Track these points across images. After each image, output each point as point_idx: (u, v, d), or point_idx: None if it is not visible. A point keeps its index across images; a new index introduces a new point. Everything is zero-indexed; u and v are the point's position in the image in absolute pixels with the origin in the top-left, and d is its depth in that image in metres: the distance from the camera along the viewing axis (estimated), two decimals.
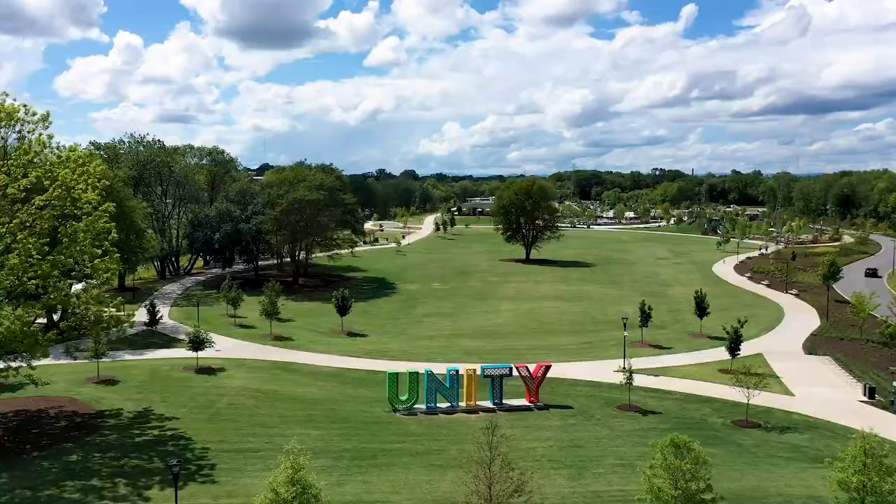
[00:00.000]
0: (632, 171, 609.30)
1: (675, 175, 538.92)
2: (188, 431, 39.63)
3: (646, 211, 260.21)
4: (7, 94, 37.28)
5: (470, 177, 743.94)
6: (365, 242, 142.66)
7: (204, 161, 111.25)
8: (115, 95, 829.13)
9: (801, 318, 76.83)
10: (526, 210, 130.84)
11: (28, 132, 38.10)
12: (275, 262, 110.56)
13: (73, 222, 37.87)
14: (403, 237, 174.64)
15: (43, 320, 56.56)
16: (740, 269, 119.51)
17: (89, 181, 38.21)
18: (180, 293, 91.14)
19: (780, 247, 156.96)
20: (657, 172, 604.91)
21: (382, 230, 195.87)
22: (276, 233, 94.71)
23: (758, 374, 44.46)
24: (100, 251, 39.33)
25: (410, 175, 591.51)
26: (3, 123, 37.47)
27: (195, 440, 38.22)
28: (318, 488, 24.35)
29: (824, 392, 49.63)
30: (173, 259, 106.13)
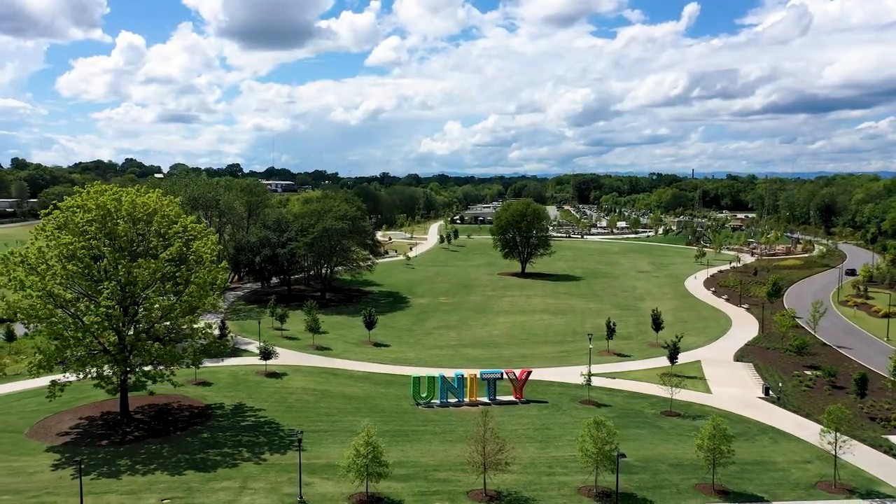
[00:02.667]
0: (630, 176, 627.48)
1: (672, 179, 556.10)
2: (275, 419, 56.77)
3: (636, 221, 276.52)
4: (171, 196, 54.21)
5: (472, 178, 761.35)
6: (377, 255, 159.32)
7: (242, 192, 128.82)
8: (118, 95, 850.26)
9: (744, 329, 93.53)
10: (521, 230, 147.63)
11: (168, 213, 55.14)
12: (303, 276, 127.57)
13: (197, 274, 54.74)
14: (411, 249, 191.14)
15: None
16: (709, 282, 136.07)
17: (210, 246, 55.30)
18: (226, 307, 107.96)
19: (754, 259, 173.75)
20: (654, 177, 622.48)
21: (391, 241, 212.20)
22: (307, 256, 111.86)
23: (678, 377, 61.63)
24: (211, 292, 56.49)
25: (413, 179, 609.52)
26: (151, 209, 54.48)
27: (282, 424, 55.29)
28: (381, 449, 41.48)
29: (735, 391, 66.48)
30: None
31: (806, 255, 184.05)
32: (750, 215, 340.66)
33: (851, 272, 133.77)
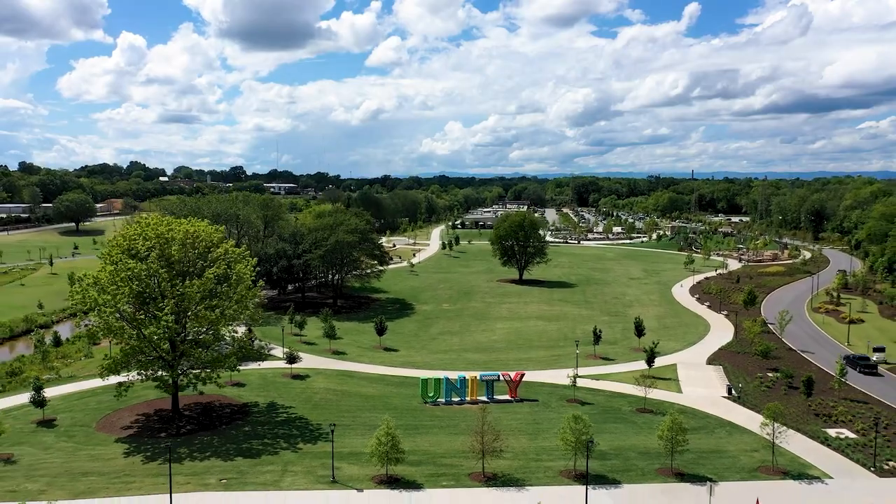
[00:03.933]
0: (628, 178, 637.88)
1: (670, 182, 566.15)
2: (304, 415, 66.19)
3: (631, 227, 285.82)
4: (220, 230, 63.70)
5: (473, 178, 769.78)
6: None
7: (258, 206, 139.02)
8: (118, 96, 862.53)
9: (720, 335, 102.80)
10: (519, 239, 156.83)
11: (213, 239, 64.58)
12: (315, 284, 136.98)
13: (238, 291, 64.14)
14: (414, 255, 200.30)
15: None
16: (694, 289, 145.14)
17: (249, 268, 64.81)
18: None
19: (740, 265, 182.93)
20: (652, 179, 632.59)
21: (395, 247, 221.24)
22: (320, 267, 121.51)
23: (653, 378, 71.01)
24: (249, 306, 65.98)
25: (414, 181, 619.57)
26: (200, 237, 63.94)
27: (311, 420, 64.71)
28: (399, 439, 50.95)
29: (703, 391, 75.82)
30: None
31: (791, 261, 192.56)
32: (745, 219, 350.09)
33: (843, 272, 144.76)
